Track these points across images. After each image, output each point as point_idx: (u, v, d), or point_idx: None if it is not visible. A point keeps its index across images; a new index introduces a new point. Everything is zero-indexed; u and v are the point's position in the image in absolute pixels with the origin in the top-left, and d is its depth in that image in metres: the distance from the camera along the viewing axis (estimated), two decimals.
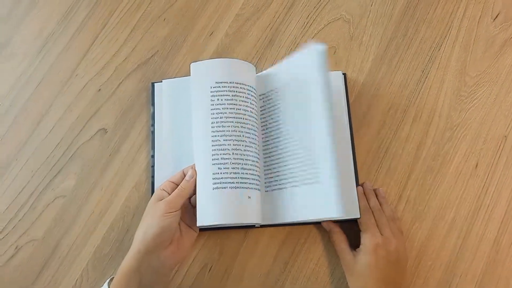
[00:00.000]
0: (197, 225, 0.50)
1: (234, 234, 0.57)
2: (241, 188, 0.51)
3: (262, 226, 0.56)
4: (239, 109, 0.54)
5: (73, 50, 0.66)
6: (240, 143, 0.53)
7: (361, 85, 0.63)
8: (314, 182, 0.50)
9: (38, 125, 0.63)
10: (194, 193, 0.52)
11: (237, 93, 0.55)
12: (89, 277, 0.57)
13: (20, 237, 0.58)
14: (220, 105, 0.54)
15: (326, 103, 0.50)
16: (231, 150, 0.52)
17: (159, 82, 0.62)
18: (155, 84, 0.62)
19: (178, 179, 0.52)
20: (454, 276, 0.55)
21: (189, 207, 0.54)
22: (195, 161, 0.53)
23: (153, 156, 0.59)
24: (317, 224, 0.57)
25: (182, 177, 0.52)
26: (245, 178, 0.52)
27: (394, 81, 0.63)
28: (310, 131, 0.51)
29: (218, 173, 0.51)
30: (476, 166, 0.59)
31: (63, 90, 0.64)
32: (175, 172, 0.53)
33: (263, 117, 0.58)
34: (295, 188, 0.52)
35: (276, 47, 0.65)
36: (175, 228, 0.49)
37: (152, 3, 0.68)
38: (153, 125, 0.60)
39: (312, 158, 0.51)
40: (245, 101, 0.55)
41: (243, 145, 0.53)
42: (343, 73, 0.62)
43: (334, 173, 0.48)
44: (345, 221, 0.55)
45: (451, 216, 0.57)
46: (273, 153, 0.56)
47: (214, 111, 0.53)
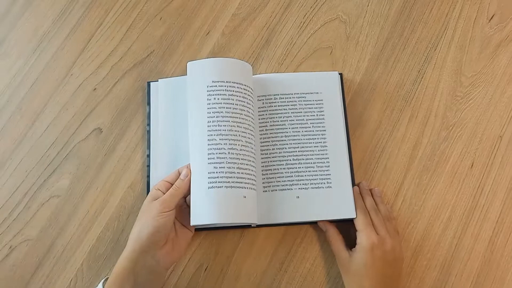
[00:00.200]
0: (191, 224, 0.50)
1: (230, 234, 0.57)
2: (236, 188, 0.51)
3: (258, 226, 0.56)
4: (236, 108, 0.54)
5: (68, 49, 0.66)
6: (236, 142, 0.53)
7: (357, 85, 0.63)
8: (326, 187, 0.56)
9: (33, 124, 0.62)
10: (189, 192, 0.51)
11: (233, 93, 0.54)
12: (84, 277, 0.56)
13: (14, 236, 0.58)
14: (217, 104, 0.53)
15: (342, 122, 0.59)
16: (227, 150, 0.52)
17: (155, 81, 0.62)
18: (151, 83, 0.62)
19: (173, 178, 0.52)
20: (450, 276, 0.55)
21: (184, 207, 0.54)
22: (190, 160, 0.53)
23: (149, 155, 0.59)
24: (314, 224, 0.57)
25: (177, 177, 0.52)
26: (240, 178, 0.52)
27: (390, 81, 0.63)
28: (326, 141, 0.57)
29: (214, 172, 0.51)
30: (472, 166, 0.59)
31: (59, 89, 0.64)
32: (170, 172, 0.53)
33: (262, 117, 0.58)
34: (303, 190, 0.56)
35: (272, 47, 0.65)
36: (170, 227, 0.49)
37: (148, 2, 0.68)
38: (148, 124, 0.60)
39: (326, 165, 0.57)
40: (241, 100, 0.55)
41: (239, 144, 0.53)
42: (339, 73, 0.62)
43: (347, 180, 0.56)
44: (341, 221, 0.55)
45: (447, 216, 0.57)
46: (274, 154, 0.56)
47: (211, 110, 0.53)
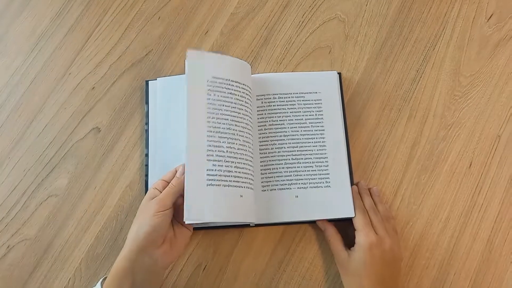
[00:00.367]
0: (184, 221, 0.48)
1: (229, 233, 0.57)
2: (233, 187, 0.51)
3: (257, 225, 0.56)
4: (234, 107, 0.54)
5: (66, 48, 0.66)
6: (234, 141, 0.53)
7: (356, 84, 0.63)
8: (325, 187, 0.56)
9: (31, 123, 0.62)
10: None
11: (232, 91, 0.54)
12: (82, 276, 0.56)
13: (12, 236, 0.58)
14: (216, 101, 0.53)
15: (340, 121, 0.59)
16: (225, 148, 0.52)
17: (153, 80, 0.61)
18: (149, 82, 0.62)
19: (170, 177, 0.51)
20: (448, 275, 0.55)
21: (182, 206, 0.53)
22: (185, 156, 0.51)
23: (147, 154, 0.59)
24: (312, 223, 0.57)
25: (174, 175, 0.52)
26: (238, 177, 0.52)
27: (389, 80, 0.63)
28: (324, 141, 0.57)
29: (212, 169, 0.51)
30: (470, 165, 0.59)
31: (57, 88, 0.64)
32: (169, 171, 0.53)
33: (261, 117, 0.58)
34: (302, 189, 0.56)
35: (271, 46, 0.65)
36: (167, 226, 0.48)
37: (146, 1, 0.67)
38: (147, 123, 0.60)
39: (325, 164, 0.57)
40: (239, 99, 0.55)
41: (237, 143, 0.53)
42: (338, 72, 0.62)
43: (346, 179, 0.56)
44: (340, 220, 0.55)
45: (445, 215, 0.57)
46: (273, 153, 0.56)
47: (210, 107, 0.53)
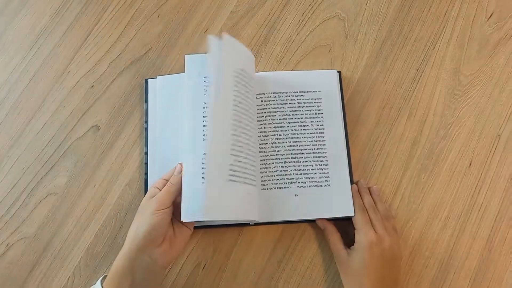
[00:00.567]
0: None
1: (228, 232, 0.57)
2: (243, 183, 0.51)
3: (256, 224, 0.56)
4: (248, 101, 0.54)
5: (66, 46, 0.65)
6: (239, 139, 0.52)
7: (356, 83, 0.63)
8: (325, 185, 0.56)
9: (30, 121, 0.62)
10: None
11: (249, 86, 0.55)
12: (81, 274, 0.56)
13: (11, 234, 0.58)
14: (240, 95, 0.53)
15: (340, 120, 0.58)
16: (244, 143, 0.52)
17: (153, 78, 0.61)
18: (149, 80, 0.61)
19: (170, 176, 0.51)
20: (448, 274, 0.55)
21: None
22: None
23: (147, 153, 0.59)
24: (312, 222, 0.57)
25: None
26: (245, 173, 0.52)
27: (389, 79, 0.63)
28: (324, 140, 0.57)
29: (233, 164, 0.50)
30: (470, 164, 0.59)
31: (56, 86, 0.63)
32: (168, 169, 0.53)
33: (261, 116, 0.58)
34: (301, 188, 0.55)
35: (271, 45, 0.65)
36: (166, 225, 0.48)
37: None
38: (146, 121, 0.60)
39: (324, 163, 0.57)
40: (250, 94, 0.55)
41: (243, 141, 0.52)
42: (338, 71, 0.62)
43: (346, 178, 0.56)
44: (339, 219, 0.55)
45: (445, 214, 0.57)
46: (272, 152, 0.56)
47: (236, 100, 0.52)
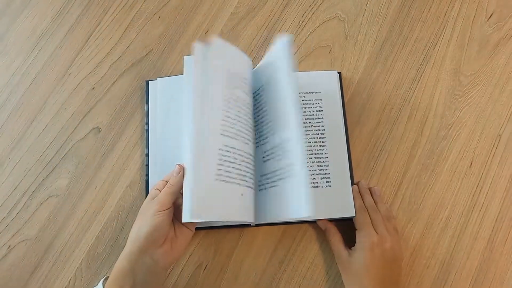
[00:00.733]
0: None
1: (230, 233, 0.57)
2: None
3: (257, 225, 0.56)
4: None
5: (67, 48, 0.66)
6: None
7: (356, 84, 0.63)
8: (326, 186, 0.55)
9: (32, 123, 0.62)
10: None
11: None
12: (83, 276, 0.56)
13: (13, 236, 0.58)
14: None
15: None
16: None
17: (153, 80, 0.61)
18: (149, 82, 0.62)
19: (170, 177, 0.51)
20: (449, 275, 0.55)
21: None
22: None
23: (148, 154, 0.59)
24: (313, 223, 0.57)
25: None
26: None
27: (389, 80, 0.63)
28: (325, 140, 0.56)
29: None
30: (471, 164, 0.59)
31: (57, 88, 0.64)
32: (170, 171, 0.53)
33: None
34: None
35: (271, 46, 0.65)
36: (167, 226, 0.48)
37: (146, 1, 0.67)
38: (147, 123, 0.60)
39: (325, 164, 0.55)
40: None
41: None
42: (338, 72, 0.62)
43: (346, 179, 0.55)
44: (340, 219, 0.55)
45: (446, 215, 0.57)
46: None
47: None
